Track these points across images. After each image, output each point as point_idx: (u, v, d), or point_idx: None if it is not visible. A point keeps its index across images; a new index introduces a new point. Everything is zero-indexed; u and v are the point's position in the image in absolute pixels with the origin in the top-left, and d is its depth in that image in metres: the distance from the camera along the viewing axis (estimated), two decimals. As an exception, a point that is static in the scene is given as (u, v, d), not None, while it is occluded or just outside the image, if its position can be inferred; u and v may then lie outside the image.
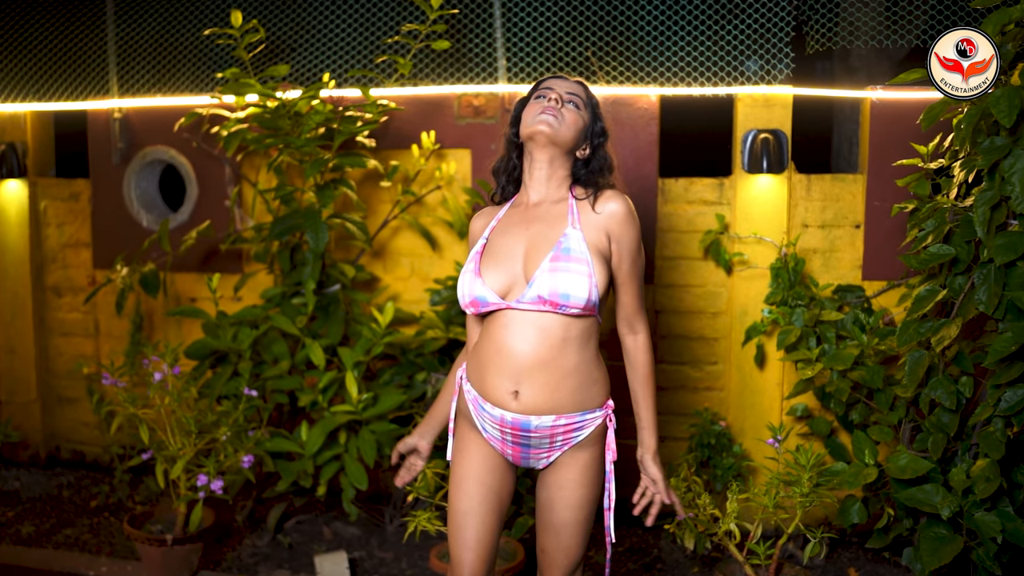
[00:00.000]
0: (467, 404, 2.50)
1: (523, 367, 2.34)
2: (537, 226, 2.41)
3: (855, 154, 5.85)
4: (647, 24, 3.90)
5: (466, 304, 2.40)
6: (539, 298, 2.31)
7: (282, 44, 4.16)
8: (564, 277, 2.30)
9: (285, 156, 3.76)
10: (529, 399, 2.35)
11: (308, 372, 3.67)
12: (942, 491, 2.99)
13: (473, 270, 2.39)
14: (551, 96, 2.37)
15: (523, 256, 2.38)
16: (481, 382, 2.42)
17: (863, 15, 3.98)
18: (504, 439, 2.44)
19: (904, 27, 3.85)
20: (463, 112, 4.11)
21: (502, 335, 2.36)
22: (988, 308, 2.83)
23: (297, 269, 3.80)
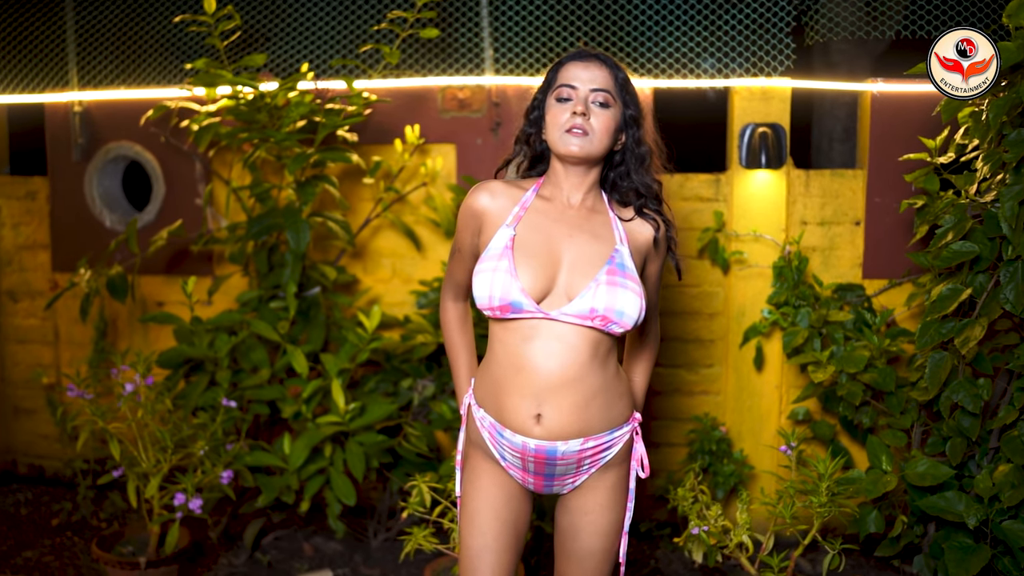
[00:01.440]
0: (479, 431, 2.26)
1: (547, 386, 2.11)
2: (581, 234, 2.19)
3: (835, 149, 5.77)
4: (641, 14, 3.74)
5: (493, 307, 2.10)
6: (591, 311, 2.08)
7: (258, 32, 3.94)
8: (622, 294, 2.10)
9: (261, 152, 3.54)
10: (554, 423, 2.13)
11: (289, 380, 3.46)
12: (964, 498, 2.86)
13: (508, 269, 2.09)
14: (577, 108, 2.11)
15: (567, 263, 2.15)
16: (498, 406, 2.17)
17: (842, 8, 3.85)
18: (526, 468, 2.21)
19: (884, 19, 3.73)
20: (447, 105, 3.92)
21: (523, 348, 2.11)
22: (1016, 307, 2.71)
23: (275, 271, 3.58)
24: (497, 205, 2.24)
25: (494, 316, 2.14)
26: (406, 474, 3.58)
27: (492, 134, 3.91)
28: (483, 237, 2.23)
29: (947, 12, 3.56)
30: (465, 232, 2.30)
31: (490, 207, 2.24)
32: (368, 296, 3.97)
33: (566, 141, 2.12)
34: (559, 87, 2.16)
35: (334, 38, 3.81)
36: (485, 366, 2.25)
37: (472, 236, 2.28)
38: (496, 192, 2.27)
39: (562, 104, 2.15)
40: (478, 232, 2.26)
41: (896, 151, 3.67)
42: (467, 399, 2.33)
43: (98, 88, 4.09)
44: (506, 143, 3.89)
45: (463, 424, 2.35)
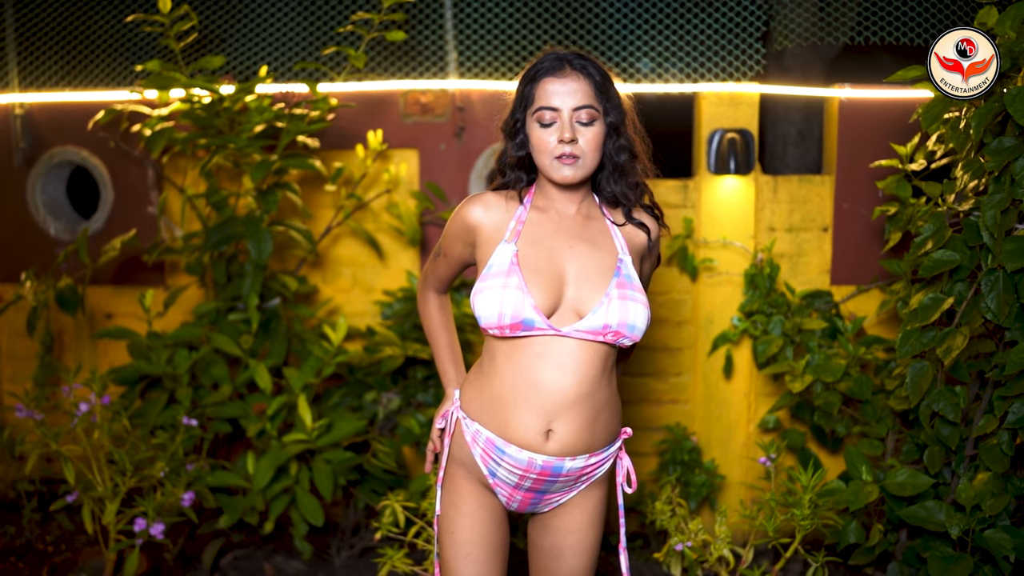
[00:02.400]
0: (467, 448, 2.17)
1: (559, 403, 2.06)
2: (581, 243, 2.13)
3: (790, 153, 5.78)
4: (609, 17, 3.68)
5: (503, 325, 2.03)
6: (604, 327, 2.04)
7: (213, 34, 3.78)
8: (633, 307, 2.06)
9: (218, 158, 3.40)
10: (565, 439, 2.08)
11: (251, 397, 3.32)
12: (945, 508, 2.85)
13: (518, 286, 2.03)
14: (564, 134, 2.02)
15: (572, 276, 2.09)
16: (503, 421, 2.09)
17: (796, 15, 3.83)
18: (519, 485, 2.14)
19: (837, 26, 3.72)
20: (410, 110, 3.81)
21: (534, 365, 2.05)
22: (998, 316, 2.70)
23: (234, 282, 3.44)
24: (492, 219, 2.16)
25: (501, 334, 2.07)
26: (372, 490, 3.47)
27: (456, 139, 3.82)
28: (479, 252, 2.16)
29: (899, 19, 3.55)
30: (455, 241, 2.23)
31: (485, 221, 2.16)
32: (328, 307, 3.85)
33: (558, 168, 2.07)
34: (540, 110, 2.07)
35: (294, 40, 3.68)
36: (482, 379, 2.17)
37: (463, 246, 2.21)
38: (490, 205, 2.18)
39: (546, 129, 2.07)
40: (471, 244, 2.19)
41: (864, 157, 3.67)
42: (453, 411, 2.23)
43: (41, 90, 3.90)
44: (471, 148, 3.81)
45: (447, 436, 2.24)
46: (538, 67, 2.11)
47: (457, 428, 2.20)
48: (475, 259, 2.20)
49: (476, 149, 3.82)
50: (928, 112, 2.89)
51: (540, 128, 2.08)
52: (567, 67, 2.08)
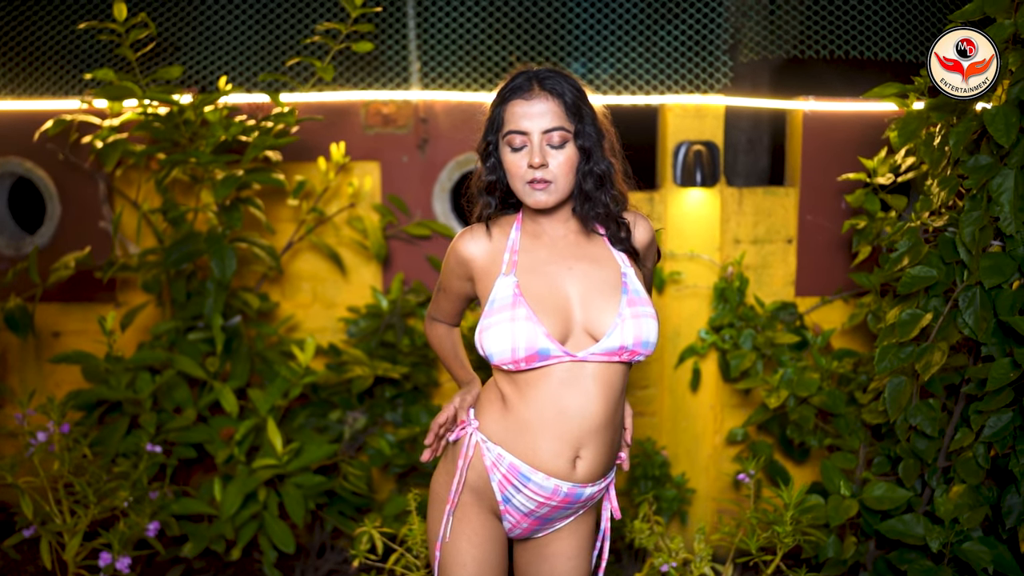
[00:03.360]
0: (486, 472, 2.09)
1: (588, 430, 2.02)
2: (580, 263, 2.08)
3: (740, 161, 5.82)
4: (575, 28, 3.64)
5: (517, 359, 1.97)
6: (621, 348, 1.99)
7: (168, 43, 3.64)
8: (647, 324, 2.02)
9: (178, 171, 3.28)
10: (591, 465, 2.05)
11: (214, 420, 3.20)
12: (923, 521, 2.87)
13: (527, 317, 1.97)
14: (534, 159, 1.96)
15: (579, 299, 2.04)
16: (529, 448, 2.03)
17: (745, 26, 3.85)
18: (532, 512, 2.09)
19: (783, 36, 3.74)
20: (371, 121, 3.72)
21: (560, 393, 2.00)
22: (976, 332, 2.72)
23: (193, 300, 3.31)
24: (485, 252, 2.11)
25: (516, 368, 2.00)
26: (339, 512, 3.38)
27: (419, 151, 3.74)
28: (478, 287, 2.11)
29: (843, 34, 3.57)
30: (451, 277, 2.18)
31: (477, 255, 2.11)
32: (288, 324, 3.74)
33: (530, 194, 2.02)
34: (509, 134, 2.01)
35: (252, 51, 3.56)
36: (503, 404, 2.08)
37: (460, 281, 2.17)
38: (479, 237, 2.13)
39: (517, 153, 2.01)
40: (469, 279, 2.14)
41: (827, 169, 3.70)
42: (472, 433, 2.12)
43: (-19, 99, 3.72)
44: (434, 161, 3.73)
45: (463, 458, 2.12)
46: (508, 87, 2.05)
47: (477, 452, 2.11)
48: (476, 294, 2.15)
49: (440, 161, 3.75)
50: (904, 128, 2.91)
51: (511, 152, 2.02)
52: (536, 87, 2.02)
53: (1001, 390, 2.68)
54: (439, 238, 3.77)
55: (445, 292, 2.22)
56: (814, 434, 3.34)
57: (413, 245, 3.78)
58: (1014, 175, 2.63)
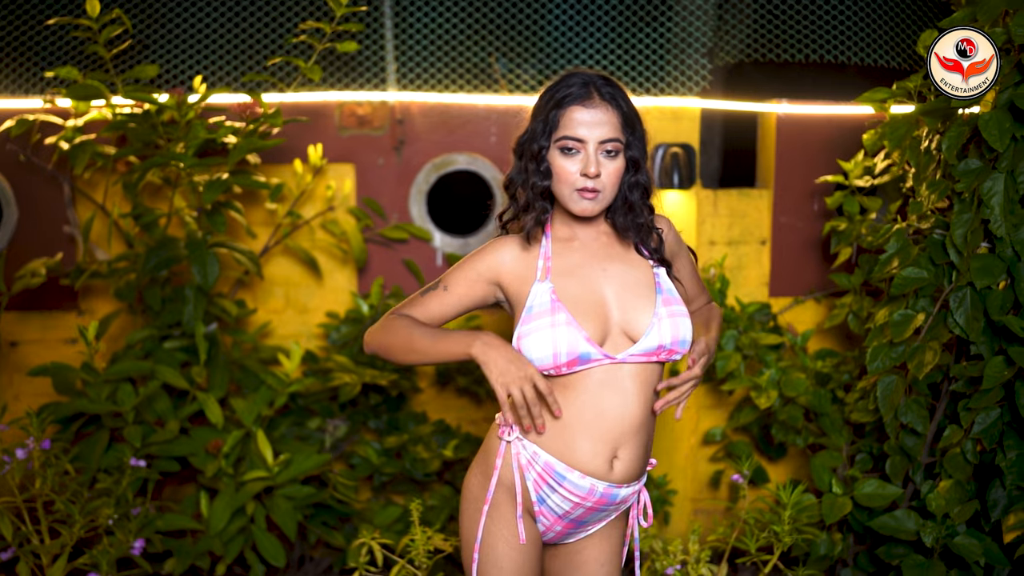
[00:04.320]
0: (522, 472, 2.06)
1: (627, 430, 2.03)
2: (613, 264, 2.09)
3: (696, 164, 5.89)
4: (554, 30, 3.62)
5: (559, 364, 1.97)
6: (659, 347, 2.01)
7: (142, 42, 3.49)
8: (682, 322, 2.04)
9: (152, 175, 3.16)
10: (628, 465, 2.06)
11: (196, 431, 3.09)
12: (914, 516, 2.93)
13: (568, 322, 1.97)
14: (589, 169, 1.96)
15: (615, 300, 2.04)
16: (566, 446, 2.01)
17: (694, 28, 3.88)
18: (567, 515, 2.08)
19: (730, 40, 3.79)
20: (346, 123, 3.65)
21: (599, 394, 2.00)
22: (967, 332, 2.79)
23: (169, 308, 3.20)
24: (518, 258, 2.10)
25: (558, 373, 2.00)
26: (323, 523, 3.30)
27: (395, 153, 3.68)
28: (510, 291, 2.09)
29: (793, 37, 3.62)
30: (469, 281, 2.11)
31: (510, 261, 2.10)
32: (261, 331, 3.63)
33: (577, 201, 2.02)
34: (564, 139, 2.00)
35: (226, 49, 3.45)
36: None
37: (481, 285, 2.11)
38: (516, 245, 2.11)
39: (569, 157, 2.01)
40: (494, 283, 2.10)
41: (800, 171, 3.75)
42: (507, 429, 2.07)
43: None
44: (411, 163, 3.68)
45: (500, 457, 2.08)
46: (565, 92, 2.02)
47: (507, 451, 2.08)
48: (504, 300, 2.12)
49: (417, 163, 3.69)
50: (893, 133, 2.97)
51: (562, 157, 2.01)
52: (596, 96, 2.01)
53: (991, 388, 2.74)
54: (416, 242, 3.71)
55: (448, 294, 2.12)
56: (799, 433, 3.38)
57: (389, 249, 3.71)
58: (1004, 179, 2.70)
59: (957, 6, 3.12)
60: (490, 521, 2.10)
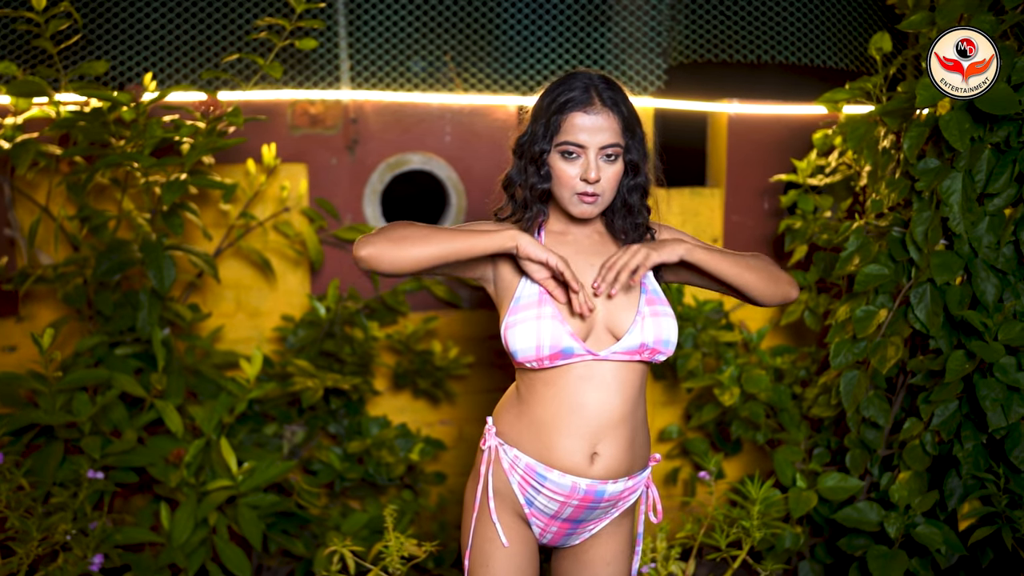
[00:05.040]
0: (506, 475, 2.10)
1: (604, 425, 2.03)
2: (602, 262, 2.08)
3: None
4: (510, 29, 3.60)
5: (541, 356, 1.98)
6: (641, 346, 2.01)
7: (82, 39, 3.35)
8: (666, 322, 2.04)
9: (99, 175, 3.04)
10: (610, 461, 2.05)
11: (153, 440, 2.98)
12: (876, 508, 3.00)
13: (554, 315, 1.98)
14: (589, 174, 1.96)
15: (601, 298, 2.05)
16: (544, 446, 2.04)
17: (649, 28, 3.91)
18: (557, 515, 2.09)
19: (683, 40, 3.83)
20: (298, 121, 3.57)
21: (577, 389, 2.01)
22: (928, 326, 2.86)
23: (120, 313, 3.08)
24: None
25: (540, 366, 2.02)
26: (283, 531, 3.23)
27: (348, 153, 3.61)
28: (500, 272, 2.11)
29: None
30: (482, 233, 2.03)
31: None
32: (213, 335, 3.52)
33: (576, 204, 2.04)
34: (565, 144, 2.00)
35: (175, 46, 3.34)
36: (520, 406, 2.11)
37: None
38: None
39: (569, 161, 2.01)
40: (486, 263, 2.12)
41: (751, 171, 3.80)
42: (491, 438, 2.13)
43: None
44: (365, 163, 3.62)
45: (485, 464, 2.13)
46: (567, 96, 2.01)
47: (495, 456, 2.12)
48: (491, 282, 2.14)
49: (371, 163, 3.63)
50: (854, 132, 3.03)
51: (563, 161, 2.02)
52: (597, 101, 2.00)
53: (953, 381, 2.82)
54: (371, 242, 3.65)
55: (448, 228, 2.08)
56: (759, 430, 3.43)
57: (343, 250, 3.64)
58: (962, 178, 2.77)
59: (903, 9, 3.21)
60: (479, 524, 2.13)
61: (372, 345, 3.46)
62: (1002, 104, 2.59)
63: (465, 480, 3.83)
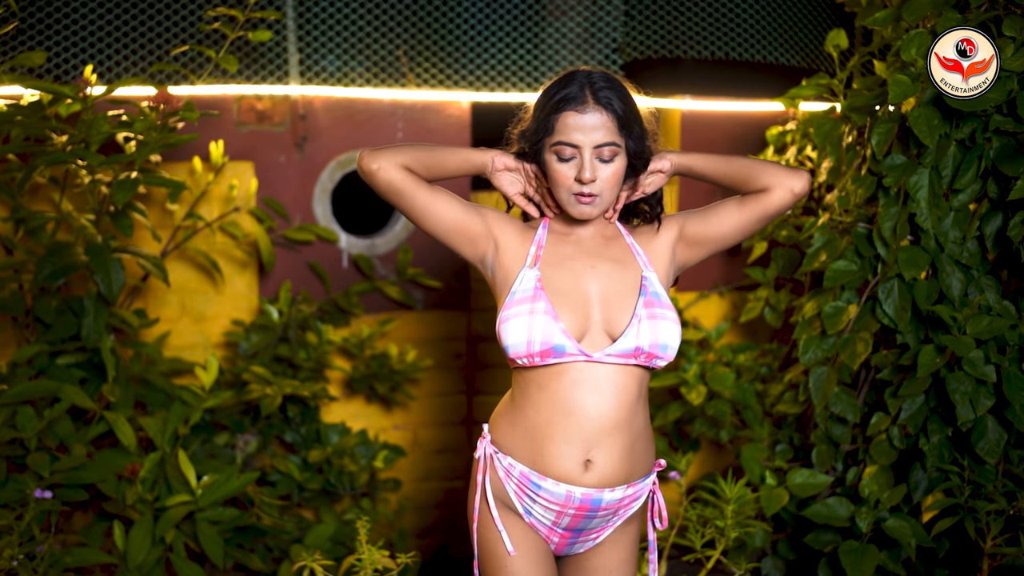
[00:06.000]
0: (502, 484, 2.04)
1: (598, 431, 1.96)
2: (603, 263, 2.04)
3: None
4: (464, 23, 3.51)
5: (532, 352, 1.92)
6: (636, 350, 1.94)
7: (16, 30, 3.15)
8: (664, 326, 1.97)
9: (40, 173, 2.86)
10: (605, 469, 1.98)
11: (99, 454, 2.81)
12: (845, 503, 3.01)
13: (546, 311, 1.93)
14: (584, 175, 1.91)
15: (599, 298, 1.99)
16: (538, 453, 1.98)
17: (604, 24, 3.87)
18: (556, 524, 2.03)
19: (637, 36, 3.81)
20: (244, 117, 3.42)
21: (571, 393, 1.95)
22: (896, 322, 2.88)
23: (61, 320, 2.90)
24: (517, 238, 2.07)
25: (531, 363, 1.96)
26: (238, 545, 3.08)
27: (297, 150, 3.48)
28: (500, 259, 2.06)
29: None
30: (468, 205, 2.06)
31: (512, 238, 2.07)
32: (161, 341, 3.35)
33: (574, 205, 1.98)
34: (559, 144, 1.94)
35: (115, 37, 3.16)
36: (514, 412, 2.05)
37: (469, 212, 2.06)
38: (517, 224, 2.11)
39: (564, 164, 1.96)
40: (490, 239, 2.07)
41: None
42: (485, 446, 2.08)
43: None
44: (314, 160, 3.50)
45: (481, 473, 2.07)
46: (561, 95, 1.95)
47: (491, 465, 2.06)
48: (492, 266, 2.08)
49: (320, 161, 3.51)
50: (819, 128, 3.03)
51: (558, 162, 1.96)
52: (590, 99, 1.94)
53: (923, 376, 2.84)
54: (321, 243, 3.53)
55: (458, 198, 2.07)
56: (723, 428, 3.42)
57: (293, 251, 3.51)
58: (929, 174, 2.80)
59: (852, 7, 3.23)
60: (482, 530, 2.08)
61: (327, 349, 3.33)
62: (972, 101, 2.61)
63: (422, 486, 3.74)
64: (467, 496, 2.16)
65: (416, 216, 2.03)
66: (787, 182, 2.07)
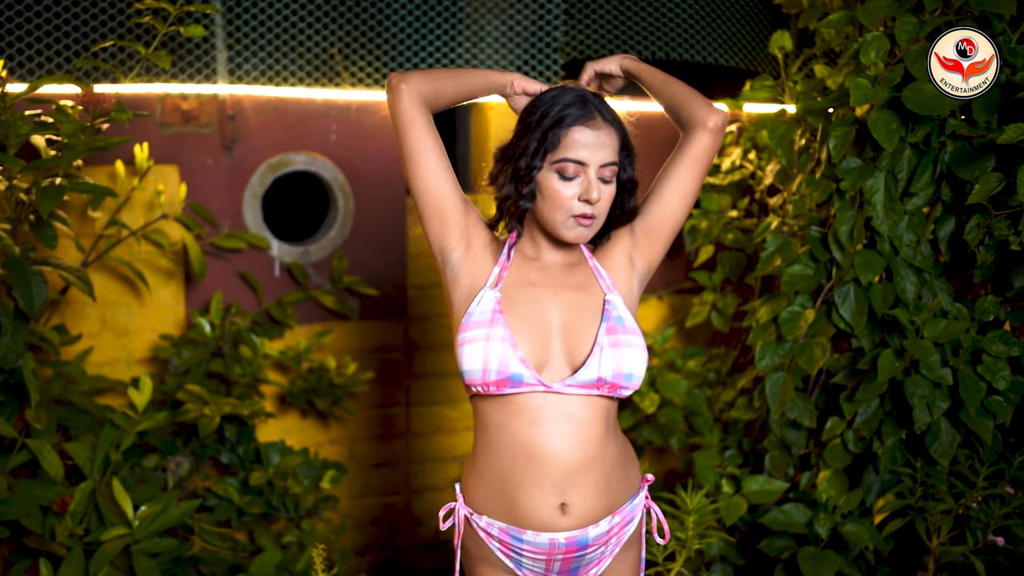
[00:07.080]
0: (485, 544, 1.93)
1: (567, 472, 1.85)
2: (567, 291, 1.93)
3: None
4: (401, 20, 3.37)
5: (488, 381, 1.81)
6: (599, 380, 1.83)
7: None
8: (628, 353, 1.86)
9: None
10: (583, 509, 1.87)
11: (22, 486, 2.57)
12: (802, 509, 2.99)
13: (503, 337, 1.81)
14: (590, 194, 1.82)
15: (558, 326, 1.88)
16: (510, 506, 1.87)
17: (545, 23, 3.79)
18: (549, 570, 1.92)
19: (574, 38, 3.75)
20: (168, 118, 3.21)
21: (533, 433, 1.84)
22: (853, 326, 2.87)
23: (-26, 338, 2.66)
24: (486, 248, 1.98)
25: (487, 392, 1.84)
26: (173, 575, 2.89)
27: (226, 153, 3.28)
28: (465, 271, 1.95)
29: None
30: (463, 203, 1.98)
31: (481, 245, 1.97)
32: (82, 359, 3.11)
33: (571, 228, 1.87)
34: (564, 161, 1.83)
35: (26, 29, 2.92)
36: (479, 463, 1.93)
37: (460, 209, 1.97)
38: (489, 234, 2.01)
39: (566, 182, 1.84)
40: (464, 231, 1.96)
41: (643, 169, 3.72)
42: (458, 508, 1.95)
43: None
44: (244, 164, 3.31)
45: (457, 539, 1.97)
46: (565, 111, 1.85)
47: (466, 528, 1.94)
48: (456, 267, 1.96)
49: (250, 164, 3.32)
50: (773, 131, 2.99)
51: (560, 180, 1.85)
52: (598, 116, 1.86)
53: (882, 380, 2.83)
54: (253, 251, 3.34)
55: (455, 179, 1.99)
56: (675, 435, 3.36)
57: (221, 260, 3.31)
58: (885, 177, 2.79)
59: (790, 9, 3.22)
60: None
61: (262, 363, 3.15)
62: (929, 104, 2.60)
63: (359, 502, 3.59)
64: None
65: (411, 158, 1.92)
66: (705, 115, 2.08)
